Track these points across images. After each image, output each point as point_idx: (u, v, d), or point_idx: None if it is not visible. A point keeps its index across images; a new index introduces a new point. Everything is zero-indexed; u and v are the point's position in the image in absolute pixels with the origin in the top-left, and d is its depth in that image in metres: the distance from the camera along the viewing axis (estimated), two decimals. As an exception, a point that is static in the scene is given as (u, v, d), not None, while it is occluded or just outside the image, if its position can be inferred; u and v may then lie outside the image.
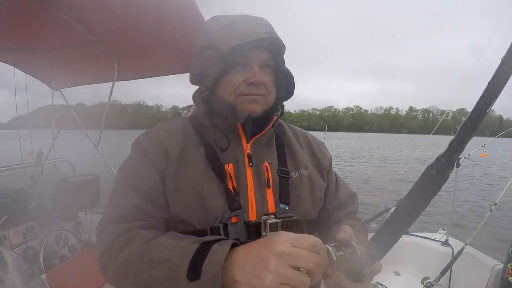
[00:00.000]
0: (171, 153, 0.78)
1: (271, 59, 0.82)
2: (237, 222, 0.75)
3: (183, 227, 0.75)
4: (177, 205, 0.75)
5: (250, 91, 0.79)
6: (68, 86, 3.08)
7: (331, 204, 0.93)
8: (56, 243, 2.28)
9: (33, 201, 2.54)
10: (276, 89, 0.86)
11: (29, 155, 2.91)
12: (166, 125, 0.88)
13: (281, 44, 0.81)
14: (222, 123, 0.83)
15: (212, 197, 0.75)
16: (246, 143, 0.83)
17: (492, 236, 5.25)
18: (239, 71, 0.79)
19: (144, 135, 0.85)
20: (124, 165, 0.83)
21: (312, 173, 0.90)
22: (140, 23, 2.04)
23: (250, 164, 0.81)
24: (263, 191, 0.80)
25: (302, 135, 0.99)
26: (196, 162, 0.79)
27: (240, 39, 0.75)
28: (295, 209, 0.82)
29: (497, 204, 2.46)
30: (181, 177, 0.76)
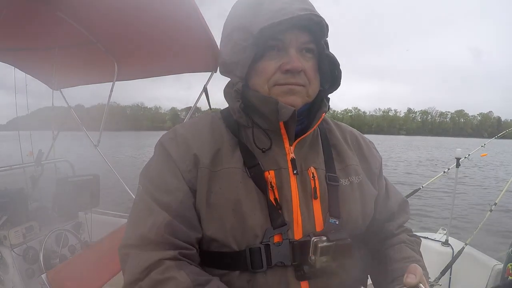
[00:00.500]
0: (202, 161, 0.67)
1: (312, 41, 0.68)
2: (281, 241, 0.64)
3: (217, 247, 0.66)
4: (210, 222, 0.65)
5: (286, 80, 0.66)
6: (68, 86, 3.08)
7: (381, 215, 0.81)
8: (56, 243, 2.28)
9: (33, 201, 2.54)
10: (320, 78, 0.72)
11: (29, 155, 2.91)
12: (195, 124, 0.75)
13: (323, 23, 0.66)
14: (261, 122, 0.71)
15: (251, 212, 0.64)
16: (289, 145, 0.71)
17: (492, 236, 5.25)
18: (273, 56, 0.66)
19: (169, 136, 0.72)
20: (148, 172, 0.71)
21: (363, 180, 0.77)
22: (140, 23, 2.04)
23: (295, 172, 0.69)
24: (309, 203, 0.68)
25: (349, 134, 0.85)
26: (231, 171, 0.67)
27: (271, 18, 0.62)
28: (346, 224, 0.70)
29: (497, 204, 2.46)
30: (214, 189, 0.66)
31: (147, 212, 0.64)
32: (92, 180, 2.61)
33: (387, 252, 0.77)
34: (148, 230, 0.62)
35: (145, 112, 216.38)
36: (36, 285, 1.96)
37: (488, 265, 2.21)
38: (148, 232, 0.62)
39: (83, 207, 2.59)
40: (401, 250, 0.76)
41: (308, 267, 0.64)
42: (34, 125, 3.31)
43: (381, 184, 0.84)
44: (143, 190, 0.68)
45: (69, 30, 2.14)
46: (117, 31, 2.23)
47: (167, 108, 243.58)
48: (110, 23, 2.14)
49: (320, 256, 0.63)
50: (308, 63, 0.68)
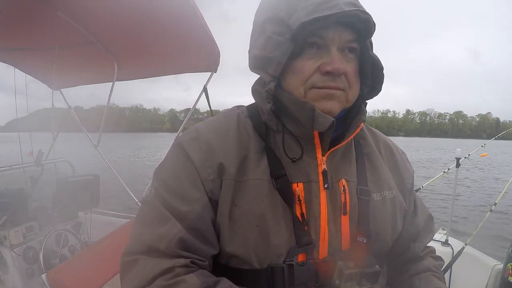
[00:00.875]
0: (228, 171, 0.61)
1: (356, 40, 0.60)
2: (305, 261, 0.60)
3: (237, 263, 0.61)
4: (232, 237, 0.60)
5: (325, 82, 0.58)
6: (68, 86, 3.08)
7: (407, 233, 0.76)
8: (56, 243, 2.28)
9: (33, 201, 2.53)
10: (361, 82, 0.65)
11: (29, 155, 2.91)
12: (220, 124, 0.67)
13: (371, 21, 0.58)
14: (293, 127, 0.63)
15: (275, 229, 0.59)
16: (322, 156, 0.64)
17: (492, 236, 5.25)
18: (312, 55, 0.59)
19: (191, 136, 0.65)
20: (163, 174, 0.64)
21: (396, 194, 0.71)
22: (140, 23, 2.04)
23: (326, 186, 0.63)
24: (338, 219, 0.62)
25: (383, 143, 0.77)
26: (258, 183, 0.61)
27: (313, 12, 0.55)
28: (374, 242, 0.64)
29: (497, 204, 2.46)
30: (238, 203, 0.60)
31: (159, 220, 0.59)
32: (92, 180, 2.61)
33: (412, 281, 0.73)
34: (158, 241, 0.57)
35: (144, 114, 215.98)
36: (36, 285, 1.96)
37: (488, 265, 2.21)
38: (158, 243, 0.57)
39: (83, 207, 2.59)
40: (427, 281, 0.72)
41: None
42: (33, 126, 3.31)
43: (411, 199, 0.78)
44: (156, 195, 0.62)
45: (69, 30, 2.14)
46: (117, 31, 2.23)
47: (166, 109, 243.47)
48: (110, 23, 2.14)
49: (345, 282, 0.58)
50: (349, 64, 0.60)
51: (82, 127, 2.98)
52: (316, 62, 0.59)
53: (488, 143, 3.04)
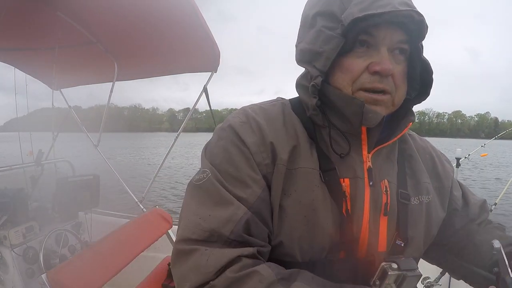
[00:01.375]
0: (280, 156, 0.59)
1: (407, 42, 0.59)
2: (345, 258, 0.59)
3: (279, 255, 0.59)
4: (279, 227, 0.58)
5: (372, 83, 0.57)
6: (68, 86, 3.08)
7: (464, 228, 0.75)
8: (56, 243, 2.27)
9: (33, 201, 2.53)
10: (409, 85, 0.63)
11: (29, 155, 2.91)
12: (267, 110, 0.66)
13: (423, 23, 0.56)
14: (339, 123, 0.62)
15: (324, 223, 0.58)
16: (367, 153, 0.63)
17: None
18: (362, 53, 0.58)
19: (240, 119, 0.63)
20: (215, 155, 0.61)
21: (433, 200, 0.70)
22: (140, 23, 2.04)
23: (371, 183, 0.62)
24: (377, 219, 0.61)
25: (422, 146, 0.77)
26: (309, 171, 0.60)
27: (367, 8, 0.54)
28: (409, 247, 0.64)
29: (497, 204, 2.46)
30: (288, 191, 0.58)
31: (220, 203, 0.55)
32: (92, 180, 2.61)
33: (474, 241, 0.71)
34: (223, 226, 0.53)
35: (143, 114, 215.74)
36: (36, 285, 1.96)
37: (488, 265, 2.20)
38: (222, 227, 0.53)
39: (83, 207, 2.59)
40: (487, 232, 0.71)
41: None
42: (32, 126, 3.31)
43: (457, 196, 0.76)
44: (212, 177, 0.58)
45: (69, 30, 2.15)
46: (117, 31, 2.23)
47: (165, 109, 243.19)
48: (110, 23, 2.14)
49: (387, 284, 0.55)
50: (398, 66, 0.59)
51: (82, 127, 2.98)
52: (365, 61, 0.58)
53: (488, 143, 3.05)
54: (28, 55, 2.56)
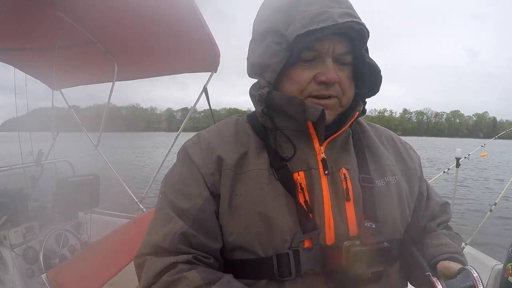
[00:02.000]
0: (226, 162, 0.64)
1: (350, 51, 0.64)
2: (311, 247, 0.60)
3: (242, 254, 0.62)
4: (234, 226, 0.62)
5: (319, 91, 0.62)
6: (68, 86, 3.08)
7: (423, 217, 0.78)
8: (56, 243, 2.27)
9: (33, 201, 2.53)
10: (357, 84, 0.68)
11: (28, 155, 2.91)
12: (220, 127, 0.73)
13: (363, 31, 0.61)
14: (287, 124, 0.67)
15: (279, 216, 0.61)
16: (319, 145, 0.67)
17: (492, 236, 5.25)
18: (308, 66, 0.62)
19: (192, 141, 0.71)
20: (169, 179, 0.69)
21: (400, 180, 0.72)
22: (140, 23, 2.04)
23: (326, 172, 0.65)
24: (342, 206, 0.64)
25: (384, 134, 0.81)
26: (257, 172, 0.64)
27: (308, 24, 0.57)
28: (383, 227, 0.65)
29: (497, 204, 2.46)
30: (239, 192, 0.63)
31: (164, 220, 0.63)
32: (92, 180, 2.61)
33: (424, 241, 0.74)
34: (162, 239, 0.60)
35: (141, 113, 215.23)
36: (36, 285, 1.96)
37: (488, 265, 2.21)
38: (162, 241, 0.60)
39: (83, 207, 2.59)
40: (439, 237, 0.73)
41: (340, 275, 0.60)
42: (29, 126, 3.30)
43: (423, 185, 0.79)
44: (162, 198, 0.66)
45: (69, 30, 2.15)
46: (117, 31, 2.23)
47: (163, 109, 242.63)
48: (110, 23, 2.14)
49: (354, 262, 0.58)
50: (343, 73, 0.64)
51: (83, 127, 2.99)
52: (311, 72, 0.62)
53: (488, 142, 3.05)
54: (28, 55, 2.56)
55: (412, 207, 0.75)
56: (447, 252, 0.68)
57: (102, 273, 1.50)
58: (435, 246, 0.71)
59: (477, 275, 0.54)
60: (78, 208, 2.60)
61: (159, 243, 0.60)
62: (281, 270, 0.60)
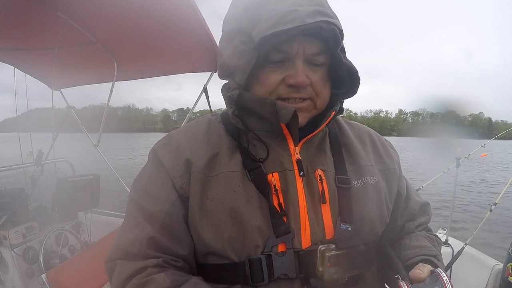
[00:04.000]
0: (196, 164, 0.62)
1: (324, 51, 0.60)
2: (285, 251, 0.58)
3: (215, 259, 0.61)
4: (206, 232, 0.60)
5: (289, 94, 0.60)
6: (68, 86, 3.08)
7: (402, 217, 0.76)
8: (56, 243, 2.28)
9: (33, 201, 2.54)
10: (335, 84, 0.66)
11: (28, 155, 2.91)
12: (191, 127, 0.70)
13: (335, 31, 0.57)
14: (260, 125, 0.65)
15: (252, 219, 0.59)
16: (294, 146, 0.65)
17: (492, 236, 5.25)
18: (277, 67, 0.59)
19: (163, 141, 0.68)
20: (138, 182, 0.67)
21: (379, 180, 0.70)
22: (140, 23, 2.04)
23: (301, 173, 0.63)
24: (318, 208, 0.62)
25: (363, 132, 0.77)
26: (229, 175, 0.61)
27: (274, 26, 0.54)
28: (360, 229, 0.63)
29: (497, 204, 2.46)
30: (209, 195, 0.60)
31: (132, 225, 0.62)
32: (92, 180, 2.61)
33: (401, 241, 0.73)
34: (130, 244, 0.60)
35: (137, 114, 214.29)
36: (36, 285, 1.96)
37: (488, 265, 2.21)
38: (130, 246, 0.60)
39: (83, 207, 2.59)
40: (417, 239, 0.71)
41: (316, 280, 0.58)
42: (25, 126, 3.30)
43: (402, 185, 0.76)
44: (131, 202, 0.65)
45: (69, 30, 2.14)
46: (117, 31, 2.23)
47: (158, 109, 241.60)
48: (110, 23, 2.14)
49: (329, 267, 0.56)
50: (316, 74, 0.61)
51: (82, 127, 2.98)
52: (280, 74, 0.59)
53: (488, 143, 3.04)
54: (28, 55, 2.55)
55: (391, 207, 0.73)
56: (423, 254, 0.66)
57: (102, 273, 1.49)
58: (412, 248, 0.69)
59: (447, 279, 0.53)
60: (78, 208, 2.60)
61: (128, 248, 0.60)
62: (253, 275, 0.58)
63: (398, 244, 0.72)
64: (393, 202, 0.74)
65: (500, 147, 39.57)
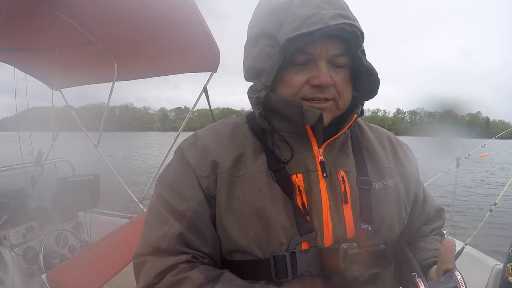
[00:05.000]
0: (222, 165, 0.64)
1: (345, 52, 0.63)
2: (308, 249, 0.61)
3: (240, 256, 0.63)
4: (232, 230, 0.62)
5: (314, 94, 0.62)
6: (68, 86, 3.08)
7: (418, 220, 0.79)
8: (56, 243, 2.28)
9: (33, 201, 2.54)
10: (356, 86, 0.68)
11: (28, 155, 2.91)
12: (217, 128, 0.72)
13: (357, 33, 0.60)
14: (285, 126, 0.67)
15: (276, 218, 0.61)
16: (318, 148, 0.67)
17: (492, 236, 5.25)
18: (301, 69, 0.62)
19: (190, 141, 0.70)
20: (164, 179, 0.68)
21: (398, 183, 0.72)
22: (140, 23, 2.04)
23: (324, 174, 0.65)
24: (340, 208, 0.64)
25: (383, 136, 0.80)
26: (255, 175, 0.64)
27: (298, 28, 0.57)
28: (380, 230, 0.66)
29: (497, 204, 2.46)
30: (236, 195, 0.63)
31: (160, 221, 0.63)
32: (92, 180, 2.61)
33: (417, 243, 0.75)
34: (160, 240, 0.61)
35: (134, 113, 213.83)
36: (36, 285, 1.96)
37: (488, 265, 2.21)
38: (160, 242, 0.61)
39: (83, 207, 2.59)
40: (432, 243, 0.74)
41: (337, 277, 0.60)
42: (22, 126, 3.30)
43: (419, 188, 0.79)
44: (158, 199, 0.66)
45: (69, 30, 2.15)
46: (117, 31, 2.23)
47: (156, 108, 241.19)
48: (110, 23, 2.14)
49: (351, 264, 0.58)
50: (339, 75, 0.63)
51: (82, 127, 2.98)
52: (305, 76, 0.62)
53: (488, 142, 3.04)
54: (28, 55, 2.55)
55: (409, 209, 0.75)
56: None
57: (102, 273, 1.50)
58: (428, 250, 0.71)
59: (461, 278, 0.56)
60: (78, 208, 2.61)
61: (158, 244, 0.61)
62: (278, 271, 0.60)
63: (414, 246, 0.75)
64: (410, 205, 0.76)
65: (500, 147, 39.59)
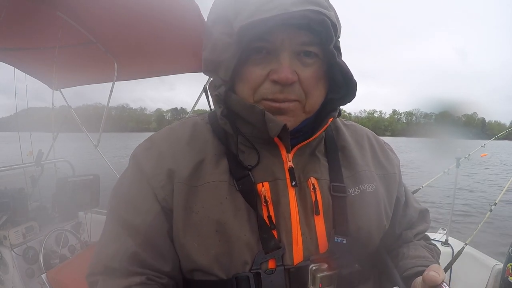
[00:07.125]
0: (179, 174, 0.56)
1: (315, 43, 0.53)
2: (275, 268, 0.54)
3: (201, 276, 0.56)
4: (191, 248, 0.55)
5: (273, 94, 0.53)
6: (68, 86, 3.08)
7: (400, 224, 0.71)
8: (56, 243, 2.28)
9: (33, 201, 2.53)
10: (330, 87, 0.59)
11: (28, 155, 2.91)
12: (174, 130, 0.63)
13: (326, 22, 0.49)
14: (249, 130, 0.58)
15: (239, 234, 0.54)
16: (287, 153, 0.59)
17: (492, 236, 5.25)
18: (260, 60, 0.53)
19: (144, 146, 0.62)
20: (118, 190, 0.61)
21: (378, 187, 0.65)
22: (140, 23, 2.04)
23: (293, 183, 0.57)
24: (311, 220, 0.57)
25: (360, 135, 0.71)
26: (215, 185, 0.56)
27: (252, 14, 0.47)
28: (356, 242, 0.59)
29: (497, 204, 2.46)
30: (194, 208, 0.55)
31: (113, 237, 0.57)
32: (92, 180, 2.61)
33: (399, 250, 0.69)
34: (111, 259, 0.55)
35: (130, 113, 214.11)
36: (36, 285, 1.96)
37: (488, 265, 2.21)
38: (111, 261, 0.55)
39: (83, 207, 2.59)
40: (416, 249, 0.68)
41: None
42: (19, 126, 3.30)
43: (401, 191, 0.71)
44: (110, 212, 0.60)
45: (69, 30, 2.14)
46: (117, 31, 2.22)
47: (152, 109, 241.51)
48: (110, 23, 2.14)
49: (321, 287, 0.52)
50: (306, 69, 0.53)
51: (83, 127, 2.98)
52: (264, 69, 0.53)
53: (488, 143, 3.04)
54: (28, 55, 2.55)
55: (390, 215, 0.68)
56: (423, 265, 0.62)
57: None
58: (411, 258, 0.65)
59: None
60: (78, 208, 2.60)
61: (109, 263, 0.55)
62: None
63: (395, 253, 0.69)
64: (392, 209, 0.69)
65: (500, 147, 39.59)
